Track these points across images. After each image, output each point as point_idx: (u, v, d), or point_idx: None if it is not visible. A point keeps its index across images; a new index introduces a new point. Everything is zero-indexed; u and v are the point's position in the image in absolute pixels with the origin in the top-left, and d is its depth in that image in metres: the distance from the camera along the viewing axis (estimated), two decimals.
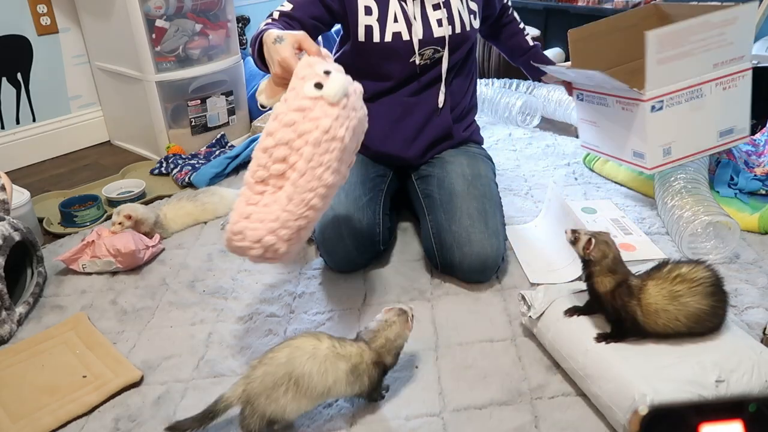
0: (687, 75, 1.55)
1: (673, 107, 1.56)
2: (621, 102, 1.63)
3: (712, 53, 1.54)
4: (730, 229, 1.53)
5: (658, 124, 1.56)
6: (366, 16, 1.44)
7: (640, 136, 1.59)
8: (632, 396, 1.00)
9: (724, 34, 1.52)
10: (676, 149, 1.63)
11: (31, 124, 2.37)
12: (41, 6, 2.28)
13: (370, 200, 1.53)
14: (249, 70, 2.57)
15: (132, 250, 1.54)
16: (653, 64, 1.49)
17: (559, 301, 1.23)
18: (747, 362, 1.03)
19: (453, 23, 1.49)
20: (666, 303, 1.07)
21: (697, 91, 1.57)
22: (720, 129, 1.65)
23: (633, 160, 1.67)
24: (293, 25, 1.39)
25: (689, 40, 1.50)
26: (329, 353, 1.02)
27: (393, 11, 1.44)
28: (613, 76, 1.52)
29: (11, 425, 1.12)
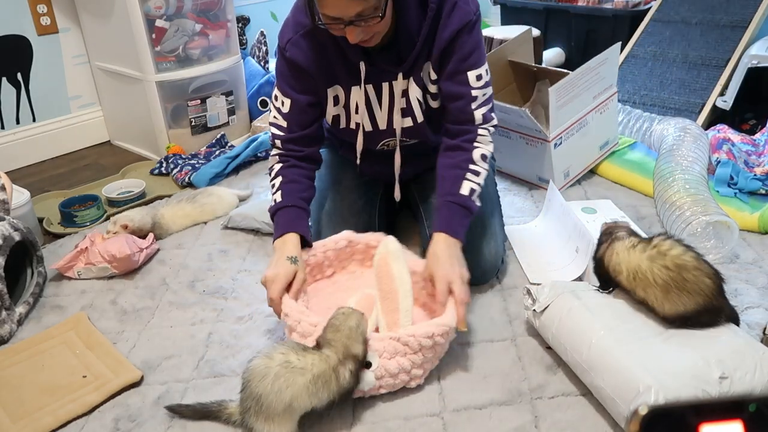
0: (576, 111, 1.86)
1: (568, 139, 1.87)
2: (525, 138, 1.89)
3: (592, 89, 1.88)
4: (729, 228, 1.53)
5: (560, 155, 1.86)
6: (334, 106, 1.38)
7: (546, 167, 1.88)
8: (636, 388, 1.00)
9: (599, 73, 1.87)
10: (572, 170, 1.94)
11: (31, 124, 2.37)
12: (41, 6, 2.28)
13: (365, 204, 1.53)
14: (249, 70, 2.58)
15: (127, 254, 1.54)
16: (555, 110, 1.77)
17: (564, 295, 1.23)
18: (750, 361, 1.03)
19: (413, 115, 1.39)
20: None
21: (584, 121, 1.90)
22: (599, 144, 2.00)
23: (537, 182, 1.96)
24: (299, 146, 1.37)
25: (577, 85, 1.82)
26: (281, 370, 1.00)
27: (355, 101, 1.37)
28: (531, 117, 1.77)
29: (11, 425, 1.12)
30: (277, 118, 1.37)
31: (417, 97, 1.37)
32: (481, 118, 1.32)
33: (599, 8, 2.74)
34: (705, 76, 2.27)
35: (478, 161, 1.32)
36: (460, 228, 1.29)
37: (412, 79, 1.35)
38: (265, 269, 1.26)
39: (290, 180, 1.36)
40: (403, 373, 1.13)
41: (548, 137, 1.81)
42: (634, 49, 2.48)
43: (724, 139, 1.93)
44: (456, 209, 1.29)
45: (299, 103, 1.35)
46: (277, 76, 1.37)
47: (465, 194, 1.29)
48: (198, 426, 1.11)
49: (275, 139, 1.38)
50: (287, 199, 1.33)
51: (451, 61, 1.29)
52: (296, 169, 1.37)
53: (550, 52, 2.89)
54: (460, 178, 1.30)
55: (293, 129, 1.37)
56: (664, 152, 1.81)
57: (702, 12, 2.43)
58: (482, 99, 1.32)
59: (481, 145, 1.33)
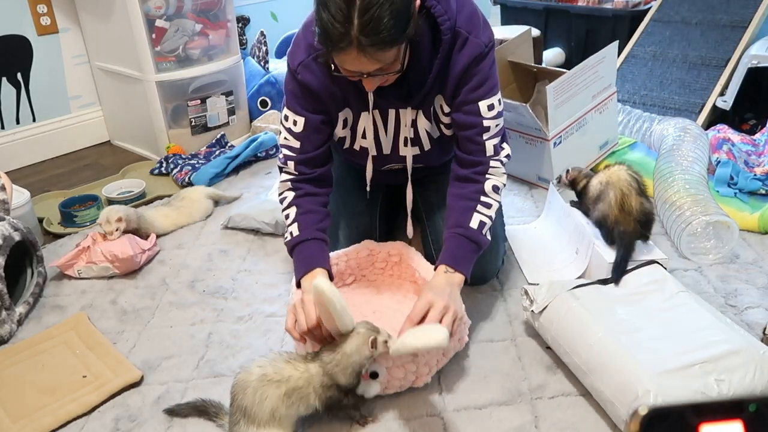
0: (575, 110, 1.87)
1: (568, 138, 1.88)
2: (524, 137, 1.90)
3: (590, 88, 1.89)
4: (729, 228, 1.53)
5: (559, 154, 1.87)
6: (341, 129, 1.35)
7: (546, 165, 1.90)
8: (635, 392, 1.00)
9: (597, 72, 1.88)
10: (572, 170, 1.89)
11: (31, 124, 2.37)
12: (41, 6, 2.28)
13: (366, 206, 1.53)
14: (249, 70, 2.58)
15: (129, 255, 1.54)
16: (552, 109, 1.78)
17: (562, 296, 1.23)
18: (750, 362, 1.03)
19: (420, 144, 1.37)
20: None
21: (583, 120, 1.91)
22: (599, 144, 2.01)
23: (537, 182, 1.97)
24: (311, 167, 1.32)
25: (575, 83, 1.82)
26: (257, 383, 1.01)
27: (362, 126, 1.34)
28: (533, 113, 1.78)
29: (11, 425, 1.12)
30: (288, 139, 1.31)
31: (426, 129, 1.34)
32: (492, 149, 1.28)
33: (599, 8, 2.74)
34: (705, 76, 2.27)
35: (489, 193, 1.27)
36: (466, 263, 1.23)
37: (421, 112, 1.32)
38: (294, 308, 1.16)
39: (306, 210, 1.30)
40: (410, 374, 1.13)
41: (548, 136, 1.81)
42: (634, 49, 2.48)
43: (724, 139, 1.93)
44: (464, 243, 1.24)
45: (313, 121, 1.29)
46: (287, 95, 1.32)
47: (474, 227, 1.24)
48: (198, 427, 1.11)
49: (288, 160, 1.32)
50: (305, 232, 1.27)
51: (462, 92, 1.26)
52: (310, 198, 1.32)
53: (550, 52, 2.89)
54: (471, 210, 1.25)
55: (307, 149, 1.31)
56: (664, 152, 1.81)
57: (702, 12, 2.43)
58: (494, 130, 1.27)
59: (493, 176, 1.28)
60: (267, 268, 1.60)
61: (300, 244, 1.26)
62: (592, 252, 1.44)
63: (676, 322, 1.15)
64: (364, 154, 1.40)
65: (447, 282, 1.19)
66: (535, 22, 2.86)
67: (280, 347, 1.30)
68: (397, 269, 1.47)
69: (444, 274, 1.20)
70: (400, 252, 1.45)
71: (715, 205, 1.55)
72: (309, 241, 1.27)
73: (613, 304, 1.22)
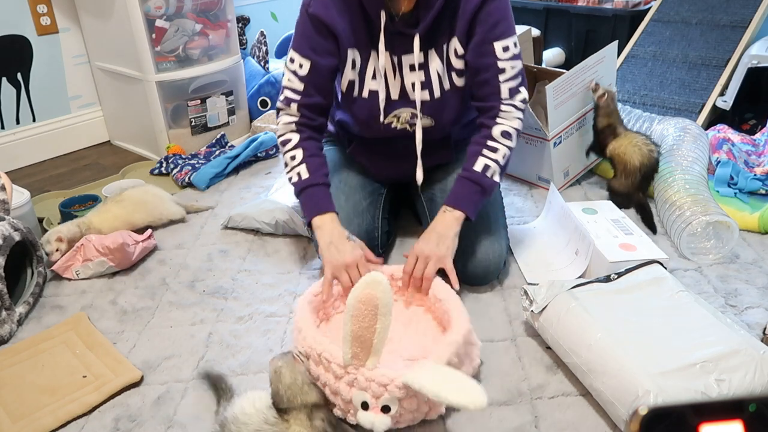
0: (575, 110, 1.87)
1: (568, 138, 1.88)
2: (524, 137, 1.89)
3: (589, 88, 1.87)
4: (729, 228, 1.53)
5: (559, 154, 1.87)
6: (351, 70, 1.37)
7: (546, 166, 1.89)
8: (636, 392, 1.00)
9: (597, 72, 1.88)
10: (572, 170, 1.95)
11: (31, 124, 2.37)
12: (41, 6, 2.28)
13: (369, 204, 1.53)
14: (249, 70, 2.58)
15: (120, 243, 1.53)
16: (552, 109, 1.78)
17: (562, 296, 1.23)
18: (750, 362, 1.03)
19: (431, 88, 1.36)
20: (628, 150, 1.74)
21: (583, 120, 1.92)
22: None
23: (537, 182, 1.97)
24: (313, 113, 1.36)
25: (575, 83, 1.82)
26: None
27: (372, 67, 1.36)
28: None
29: (11, 425, 1.12)
30: (292, 80, 1.34)
31: (438, 71, 1.35)
32: (507, 92, 1.30)
33: (599, 8, 2.74)
34: (705, 76, 2.27)
35: (497, 137, 1.30)
36: (469, 203, 1.30)
37: (434, 51, 1.33)
38: (325, 252, 1.29)
39: (312, 154, 1.36)
40: (422, 405, 1.05)
41: (547, 136, 1.81)
42: (634, 49, 2.48)
43: (724, 139, 1.93)
44: (467, 185, 1.31)
45: (319, 65, 1.32)
46: (296, 36, 1.33)
47: (478, 170, 1.29)
48: (198, 427, 1.11)
49: (290, 102, 1.35)
50: (314, 176, 1.35)
51: (477, 33, 1.27)
52: (314, 142, 1.38)
53: (550, 52, 2.89)
54: (477, 154, 1.31)
55: (310, 92, 1.35)
56: (664, 152, 1.81)
57: (702, 12, 2.43)
58: (511, 72, 1.29)
59: (504, 121, 1.31)
60: (267, 268, 1.60)
61: (310, 188, 1.35)
62: (592, 253, 1.44)
63: (676, 322, 1.15)
64: (372, 103, 1.38)
65: (442, 223, 1.29)
66: (535, 22, 2.86)
67: (280, 348, 1.30)
68: (401, 293, 1.38)
69: (445, 215, 1.30)
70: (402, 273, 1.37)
71: (715, 205, 1.55)
72: (318, 186, 1.35)
73: (613, 303, 1.22)
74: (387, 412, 1.01)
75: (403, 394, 1.00)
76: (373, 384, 1.00)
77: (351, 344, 1.01)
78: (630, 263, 1.34)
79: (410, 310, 1.37)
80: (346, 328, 1.00)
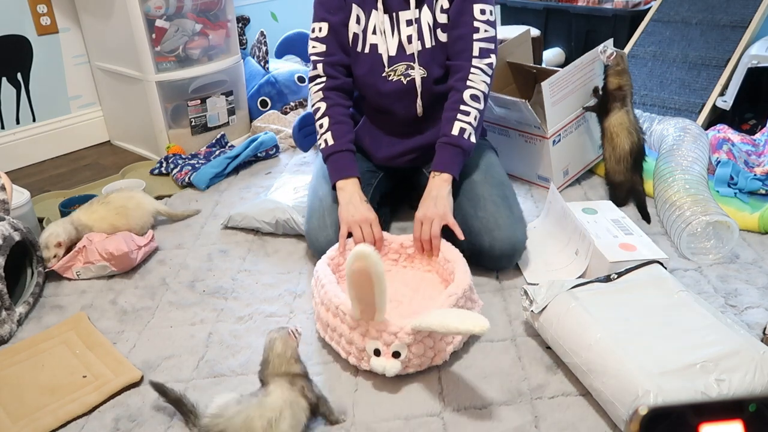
0: (574, 108, 1.88)
1: (567, 136, 1.89)
2: (524, 135, 1.91)
3: (588, 86, 1.90)
4: (729, 228, 1.53)
5: (558, 153, 1.87)
6: (355, 24, 1.50)
7: (545, 164, 1.90)
8: (635, 392, 1.00)
9: (593, 70, 1.89)
10: (571, 169, 1.95)
11: (31, 124, 2.37)
12: (41, 6, 2.28)
13: None
14: (249, 70, 2.58)
15: (125, 252, 1.53)
16: (549, 107, 1.78)
17: (562, 296, 1.23)
18: (749, 362, 1.03)
19: (422, 39, 1.49)
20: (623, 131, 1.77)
21: (582, 119, 1.92)
22: (599, 143, 1.94)
23: (537, 181, 1.97)
24: (338, 71, 1.51)
25: (572, 81, 1.83)
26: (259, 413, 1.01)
27: (373, 23, 1.49)
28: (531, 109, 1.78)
29: (11, 425, 1.12)
30: (315, 46, 1.50)
31: (428, 23, 1.47)
32: (478, 51, 1.44)
33: (599, 8, 2.74)
34: (705, 76, 2.27)
35: (468, 101, 1.43)
36: (452, 165, 1.43)
37: (426, 6, 1.47)
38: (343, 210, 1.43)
39: (338, 121, 1.50)
40: (428, 350, 1.17)
41: (546, 134, 1.81)
42: (634, 49, 2.48)
43: (724, 139, 1.93)
44: (448, 149, 1.44)
45: (334, 24, 1.48)
46: (314, 8, 1.51)
47: (455, 134, 1.43)
48: None
49: (317, 64, 1.50)
50: (339, 142, 1.48)
51: None
52: (340, 108, 1.51)
53: (550, 52, 2.89)
54: (452, 120, 1.44)
55: (332, 51, 1.50)
56: (664, 152, 1.81)
57: (702, 12, 2.43)
58: (484, 34, 1.44)
59: (473, 83, 1.44)
60: (267, 268, 1.60)
61: (335, 154, 1.49)
62: (592, 253, 1.44)
63: (676, 322, 1.15)
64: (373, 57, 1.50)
65: (437, 187, 1.42)
66: (535, 22, 2.86)
67: None
68: (411, 261, 1.50)
69: (435, 179, 1.43)
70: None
71: (715, 205, 1.55)
72: (343, 152, 1.49)
73: (613, 303, 1.22)
74: (397, 357, 1.14)
75: (411, 339, 1.13)
76: (385, 333, 1.14)
77: (357, 305, 1.14)
78: (630, 263, 1.34)
79: (420, 276, 1.48)
80: (350, 293, 1.13)
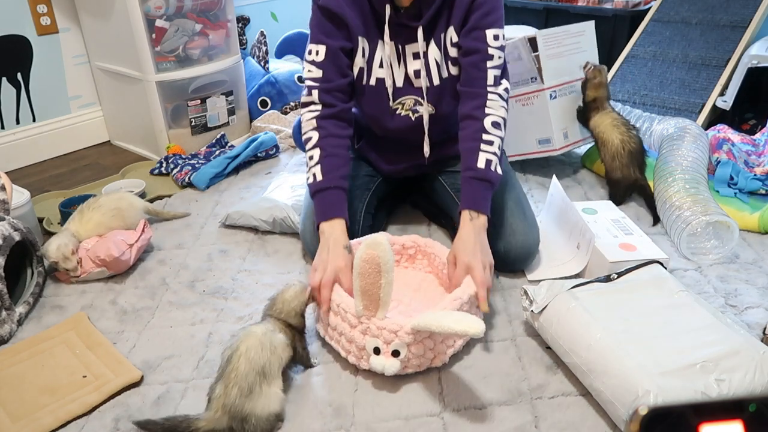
0: (566, 73, 1.92)
1: (563, 97, 1.93)
2: (520, 100, 1.93)
3: (576, 57, 1.93)
4: (729, 228, 1.53)
5: (556, 109, 1.90)
6: (361, 57, 1.42)
7: (544, 122, 1.91)
8: (636, 392, 1.00)
9: (579, 43, 1.94)
10: (570, 134, 1.96)
11: (31, 124, 2.37)
12: (41, 6, 2.28)
13: (354, 197, 1.55)
14: (249, 70, 2.58)
15: (115, 257, 1.51)
16: (545, 59, 1.83)
17: (562, 296, 1.23)
18: (750, 362, 1.03)
19: (430, 75, 1.43)
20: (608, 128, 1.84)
21: (574, 86, 1.95)
22: None
23: (538, 148, 1.97)
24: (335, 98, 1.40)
25: (562, 43, 1.88)
26: (263, 339, 1.10)
27: (380, 56, 1.42)
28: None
29: (11, 425, 1.12)
30: (311, 71, 1.39)
31: (436, 59, 1.42)
32: (492, 79, 1.36)
33: (599, 8, 2.74)
34: (705, 76, 2.27)
35: (489, 129, 1.35)
36: (484, 201, 1.33)
37: (433, 41, 1.40)
38: (318, 256, 1.30)
39: (330, 153, 1.37)
40: (428, 351, 1.17)
41: (543, 85, 1.86)
42: (634, 49, 2.48)
43: (724, 139, 1.93)
44: (476, 184, 1.33)
45: (333, 48, 1.37)
46: (311, 30, 1.40)
47: (482, 167, 1.33)
48: None
49: (312, 90, 1.39)
50: (328, 178, 1.36)
51: (471, 19, 1.35)
52: (334, 140, 1.39)
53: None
54: (476, 150, 1.34)
55: (330, 77, 1.39)
56: (664, 152, 1.81)
57: (702, 12, 2.43)
58: (497, 61, 1.36)
59: (492, 111, 1.36)
60: (267, 268, 1.60)
61: (323, 191, 1.36)
62: (592, 247, 1.44)
63: (676, 322, 1.15)
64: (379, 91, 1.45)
65: (474, 232, 1.30)
66: (535, 22, 2.86)
67: None
68: (412, 261, 1.51)
69: (470, 220, 1.31)
70: (416, 244, 1.48)
71: (715, 205, 1.55)
72: (331, 190, 1.36)
73: (613, 303, 1.22)
74: (396, 356, 1.14)
75: (411, 339, 1.13)
76: (385, 331, 1.13)
77: (361, 298, 1.14)
78: (630, 263, 1.34)
79: (421, 277, 1.48)
80: (355, 285, 1.14)
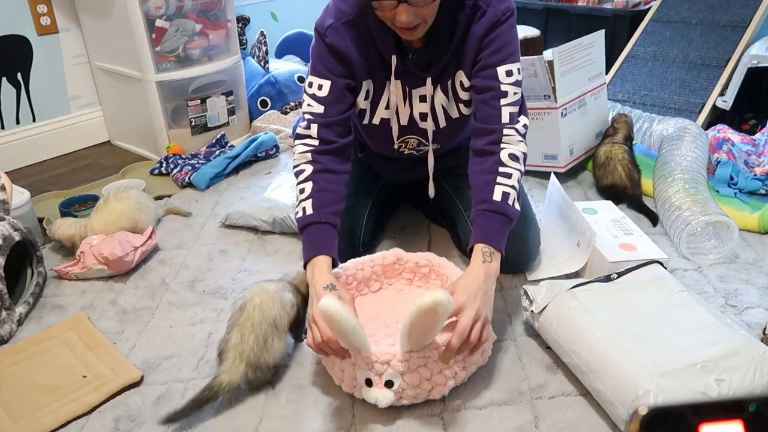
0: (576, 87, 1.91)
1: (573, 113, 1.91)
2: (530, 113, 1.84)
3: (586, 69, 1.93)
4: (729, 228, 1.53)
5: (566, 127, 1.89)
6: (364, 99, 1.37)
7: (553, 139, 1.90)
8: (635, 392, 1.00)
9: (590, 54, 1.93)
10: (575, 149, 1.97)
11: (31, 124, 2.37)
12: (41, 6, 2.28)
13: (357, 202, 1.54)
14: (249, 70, 2.58)
15: (119, 256, 1.52)
16: (559, 76, 1.81)
17: (562, 296, 1.23)
18: (750, 362, 1.03)
19: (436, 119, 1.40)
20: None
21: (583, 100, 1.94)
22: (596, 132, 2.03)
23: (543, 162, 1.97)
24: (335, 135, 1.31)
25: (575, 58, 1.87)
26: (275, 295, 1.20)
27: (386, 99, 1.37)
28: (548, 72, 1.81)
29: (11, 425, 1.12)
30: (312, 105, 1.30)
31: (442, 104, 1.38)
32: (507, 116, 1.26)
33: (599, 8, 2.74)
34: (705, 76, 2.27)
35: (507, 162, 1.24)
36: (499, 236, 1.20)
37: (439, 87, 1.35)
38: (309, 307, 1.20)
39: (323, 188, 1.28)
40: (424, 382, 1.10)
41: (556, 104, 1.84)
42: (634, 49, 2.48)
43: (724, 139, 1.93)
44: (491, 217, 1.21)
45: (338, 85, 1.29)
46: (313, 62, 1.32)
47: (498, 200, 1.21)
48: (198, 427, 1.11)
49: (311, 124, 1.30)
50: (318, 213, 1.25)
51: (481, 59, 1.28)
52: (329, 175, 1.29)
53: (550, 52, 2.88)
54: (491, 183, 1.22)
55: (331, 113, 1.30)
56: (663, 152, 1.81)
57: (702, 12, 2.43)
58: (512, 98, 1.26)
59: (509, 145, 1.25)
60: (267, 268, 1.60)
61: (311, 225, 1.25)
62: (593, 244, 1.44)
63: (676, 322, 1.15)
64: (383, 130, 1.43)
65: (483, 274, 1.15)
66: (535, 22, 2.86)
67: None
68: (425, 281, 1.41)
69: (482, 264, 1.16)
70: (430, 263, 1.39)
71: (714, 205, 1.55)
72: (320, 225, 1.25)
73: (613, 303, 1.22)
74: (390, 387, 1.08)
75: (404, 367, 1.07)
76: (376, 363, 1.07)
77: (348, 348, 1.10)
78: (630, 263, 1.34)
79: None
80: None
